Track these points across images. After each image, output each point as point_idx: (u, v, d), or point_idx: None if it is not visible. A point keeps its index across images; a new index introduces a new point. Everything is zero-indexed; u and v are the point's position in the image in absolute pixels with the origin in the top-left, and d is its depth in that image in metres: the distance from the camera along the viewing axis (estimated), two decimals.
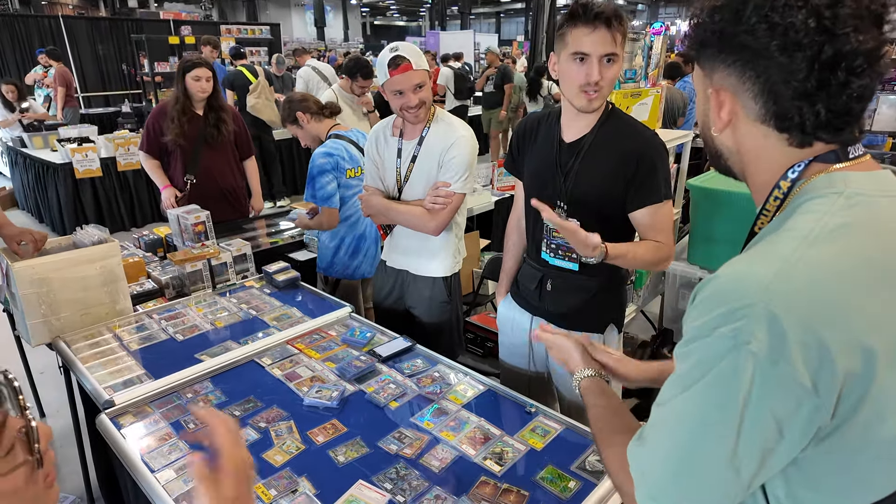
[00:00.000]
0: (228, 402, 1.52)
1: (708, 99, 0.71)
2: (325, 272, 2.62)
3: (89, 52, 10.73)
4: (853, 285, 0.58)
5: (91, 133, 5.72)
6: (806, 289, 0.57)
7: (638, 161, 1.49)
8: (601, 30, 1.39)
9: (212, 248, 2.28)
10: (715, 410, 0.59)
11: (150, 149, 2.96)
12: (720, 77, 0.68)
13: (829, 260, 0.59)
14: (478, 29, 29.61)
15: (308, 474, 1.26)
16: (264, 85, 5.75)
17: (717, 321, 0.59)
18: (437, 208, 1.89)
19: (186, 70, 2.84)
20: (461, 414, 1.48)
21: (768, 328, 0.55)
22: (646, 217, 1.53)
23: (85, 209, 5.32)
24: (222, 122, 2.98)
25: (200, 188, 2.96)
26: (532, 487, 1.23)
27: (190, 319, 1.96)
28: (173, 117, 2.85)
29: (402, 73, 1.79)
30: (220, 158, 3.03)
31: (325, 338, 1.86)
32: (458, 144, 1.89)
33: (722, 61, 0.67)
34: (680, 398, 0.63)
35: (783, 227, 0.64)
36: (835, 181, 0.64)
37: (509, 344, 1.87)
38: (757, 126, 0.67)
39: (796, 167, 0.66)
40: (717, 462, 0.60)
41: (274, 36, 10.79)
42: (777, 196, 0.68)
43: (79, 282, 1.86)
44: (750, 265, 0.62)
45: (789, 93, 0.62)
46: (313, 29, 22.61)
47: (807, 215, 0.62)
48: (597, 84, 1.44)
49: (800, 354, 0.55)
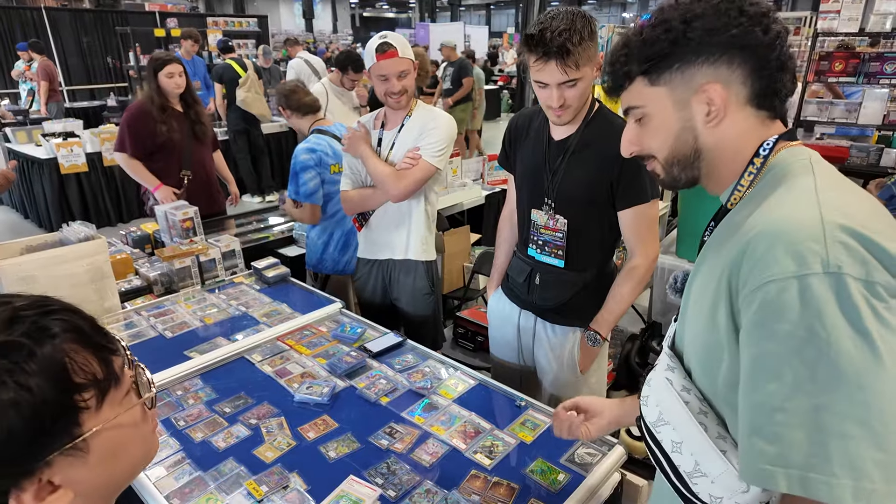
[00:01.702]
0: (219, 399, 1.52)
1: (683, 104, 0.76)
2: (314, 269, 2.60)
3: (73, 44, 10.56)
4: (873, 210, 0.66)
5: (76, 127, 5.65)
6: (851, 216, 0.61)
7: (623, 161, 1.48)
8: (552, 63, 1.39)
9: (200, 244, 2.27)
10: (855, 347, 0.55)
11: (134, 150, 2.85)
12: (705, 75, 0.74)
13: (845, 196, 0.66)
14: (468, 21, 29.51)
15: (299, 470, 1.27)
16: (254, 79, 5.70)
17: (796, 263, 0.59)
18: (404, 167, 1.93)
19: (157, 69, 2.79)
20: (452, 408, 1.49)
21: (848, 252, 0.58)
22: (632, 218, 1.55)
23: (71, 205, 5.26)
24: (202, 115, 2.99)
25: (193, 183, 2.97)
26: (522, 480, 1.24)
27: (179, 316, 1.95)
28: (159, 117, 2.80)
29: (389, 58, 1.85)
30: (206, 152, 3.06)
31: (316, 334, 1.86)
32: (437, 120, 1.97)
33: (705, 61, 0.74)
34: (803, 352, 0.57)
35: (779, 187, 0.71)
36: (797, 153, 0.74)
37: (499, 338, 1.88)
38: (742, 110, 0.75)
39: (766, 145, 0.75)
40: (889, 398, 0.55)
41: (262, 28, 10.67)
42: (751, 171, 0.76)
43: (66, 279, 1.84)
44: (789, 214, 0.64)
45: (772, 67, 0.73)
46: (302, 21, 22.39)
47: (798, 177, 0.70)
48: (560, 107, 1.45)
49: (881, 267, 0.58)
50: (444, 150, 1.96)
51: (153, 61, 2.82)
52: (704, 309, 0.72)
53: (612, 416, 1.11)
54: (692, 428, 0.73)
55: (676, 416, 0.75)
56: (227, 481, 1.24)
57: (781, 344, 0.58)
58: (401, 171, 1.94)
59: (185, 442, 1.36)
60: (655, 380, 0.81)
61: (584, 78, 1.42)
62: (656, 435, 0.78)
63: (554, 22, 1.37)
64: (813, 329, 0.57)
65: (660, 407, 0.78)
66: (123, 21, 10.56)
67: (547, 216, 1.61)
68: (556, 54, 1.36)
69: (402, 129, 2.00)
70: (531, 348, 1.78)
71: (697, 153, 0.78)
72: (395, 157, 2.00)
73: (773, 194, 0.70)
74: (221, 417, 1.45)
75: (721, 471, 0.70)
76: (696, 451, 0.72)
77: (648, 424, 0.80)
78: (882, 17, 4.60)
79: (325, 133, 2.51)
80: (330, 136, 2.50)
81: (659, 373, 0.81)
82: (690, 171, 0.80)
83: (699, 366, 0.77)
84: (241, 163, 5.99)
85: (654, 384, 0.81)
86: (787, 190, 0.69)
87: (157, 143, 2.84)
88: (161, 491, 1.21)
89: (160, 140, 2.82)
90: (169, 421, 1.43)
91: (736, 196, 0.77)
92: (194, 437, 1.38)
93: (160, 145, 2.85)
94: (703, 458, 0.71)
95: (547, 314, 1.71)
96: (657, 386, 0.80)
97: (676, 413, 0.75)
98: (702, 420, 0.73)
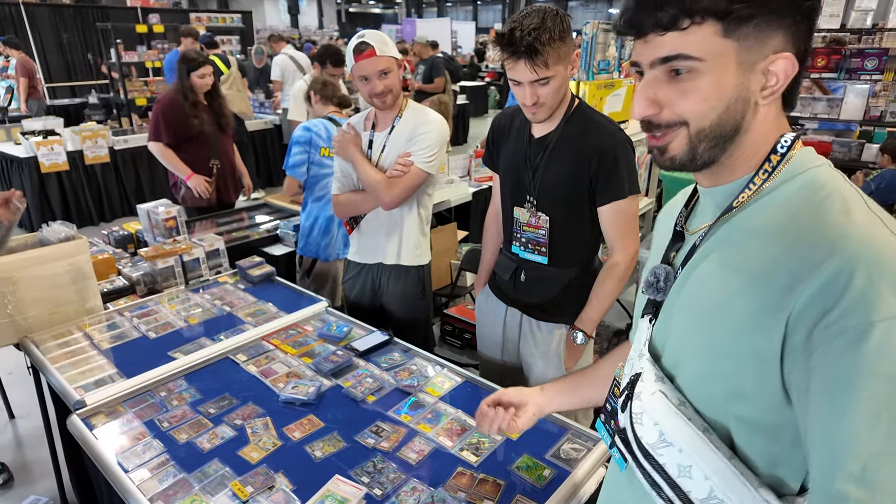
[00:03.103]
0: (203, 400, 1.51)
1: (747, 68, 0.63)
2: (301, 252, 2.69)
3: (53, 40, 10.35)
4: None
5: (57, 125, 5.55)
6: None
7: (599, 157, 1.50)
8: (521, 62, 1.39)
9: (184, 243, 2.24)
10: None
11: (168, 139, 3.07)
12: (781, 40, 0.63)
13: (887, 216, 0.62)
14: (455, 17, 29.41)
15: (285, 470, 1.26)
16: (236, 76, 5.65)
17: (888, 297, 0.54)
18: (395, 174, 1.90)
19: (191, 69, 3.04)
20: (438, 406, 1.49)
21: None
22: (610, 214, 1.55)
23: (52, 204, 5.18)
24: (225, 107, 3.28)
25: (221, 172, 3.23)
26: (508, 476, 1.25)
27: (162, 317, 1.93)
28: (191, 112, 3.06)
29: (367, 58, 1.81)
30: (229, 143, 3.33)
31: (302, 333, 1.85)
32: (427, 123, 1.92)
33: (791, 24, 0.63)
34: None
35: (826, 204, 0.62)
36: (814, 156, 0.67)
37: (487, 335, 1.89)
38: None
39: (784, 140, 0.67)
40: None
41: (246, 24, 10.55)
42: (766, 169, 0.67)
43: (46, 280, 1.82)
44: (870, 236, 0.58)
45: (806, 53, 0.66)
46: (287, 16, 22.21)
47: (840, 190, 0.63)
48: (534, 105, 1.46)
49: None
50: (436, 154, 1.92)
51: (187, 62, 3.06)
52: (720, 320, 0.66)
53: (535, 407, 1.11)
54: (705, 450, 0.66)
55: (683, 437, 0.67)
56: (211, 482, 1.23)
57: (882, 387, 0.53)
58: (392, 178, 1.90)
59: (170, 443, 1.35)
60: (646, 394, 0.73)
61: (556, 76, 1.43)
62: (657, 458, 0.70)
63: (525, 21, 1.37)
64: None
65: (660, 427, 0.70)
66: (104, 17, 10.38)
67: (529, 214, 1.62)
68: (525, 53, 1.37)
69: (393, 131, 1.95)
70: (517, 345, 1.79)
71: (736, 131, 0.66)
72: (385, 159, 1.96)
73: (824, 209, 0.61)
74: (206, 418, 1.44)
75: (742, 496, 0.63)
76: (711, 475, 0.65)
77: (646, 446, 0.71)
78: (863, 14, 4.67)
79: (333, 122, 2.62)
80: (332, 123, 2.62)
81: (649, 385, 0.73)
82: (717, 150, 0.67)
83: (695, 375, 0.70)
84: None
85: (646, 399, 0.72)
86: (842, 206, 0.61)
87: (190, 134, 3.07)
88: (145, 493, 1.20)
89: (194, 132, 3.07)
90: (153, 422, 1.42)
91: (746, 195, 0.68)
92: (179, 438, 1.37)
93: (193, 137, 3.09)
94: (721, 483, 0.64)
95: (533, 311, 1.71)
96: (651, 402, 0.72)
97: (682, 433, 0.67)
98: (711, 439, 0.66)
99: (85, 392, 1.50)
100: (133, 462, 1.29)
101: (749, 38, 0.62)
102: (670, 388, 0.71)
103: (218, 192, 3.24)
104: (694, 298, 0.71)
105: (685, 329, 0.72)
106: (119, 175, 5.55)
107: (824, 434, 0.56)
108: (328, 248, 2.63)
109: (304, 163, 2.55)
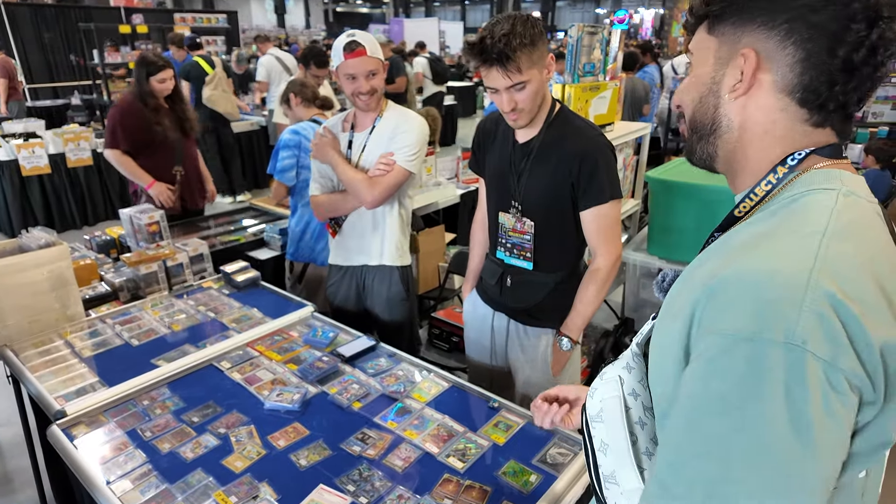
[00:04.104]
0: (187, 409, 1.49)
1: (722, 63, 0.67)
2: (292, 257, 2.65)
3: (34, 40, 10.19)
4: (874, 281, 0.56)
5: (38, 128, 5.46)
6: (845, 284, 0.54)
7: (580, 162, 1.50)
8: (494, 69, 1.40)
9: (167, 248, 2.22)
10: (784, 438, 0.51)
11: (126, 146, 2.88)
12: (754, 39, 0.65)
13: (851, 256, 0.56)
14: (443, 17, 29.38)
15: (269, 479, 1.25)
16: (221, 76, 5.59)
17: (757, 323, 0.52)
18: (378, 173, 1.90)
19: (151, 73, 2.86)
20: (425, 412, 1.48)
21: (822, 327, 0.51)
22: (592, 219, 1.56)
23: (33, 208, 5.09)
24: (188, 111, 3.08)
25: (186, 179, 3.05)
26: (494, 482, 1.25)
27: (145, 323, 1.91)
28: (151, 116, 2.88)
29: (357, 57, 1.82)
30: (194, 148, 3.16)
31: (287, 339, 1.84)
32: (409, 122, 1.94)
33: (764, 23, 0.64)
34: (726, 420, 0.53)
35: (787, 220, 0.61)
36: (832, 177, 0.63)
37: (475, 339, 1.89)
38: (778, 97, 0.65)
39: (796, 155, 0.65)
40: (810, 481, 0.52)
41: (231, 25, 10.47)
42: (770, 181, 0.66)
43: (26, 287, 1.79)
44: (777, 260, 0.56)
45: (832, 65, 0.61)
46: (273, 16, 22.06)
47: (815, 209, 0.60)
48: (513, 110, 1.46)
49: (852, 352, 0.52)
50: (418, 153, 1.94)
51: (146, 66, 2.86)
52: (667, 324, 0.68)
53: None
54: (621, 435, 0.72)
55: (612, 419, 0.73)
56: (195, 493, 1.21)
57: (712, 402, 0.54)
58: (374, 177, 1.91)
59: (152, 454, 1.33)
60: (609, 375, 0.78)
61: (531, 80, 1.43)
62: (591, 430, 0.77)
63: (495, 28, 1.38)
64: (747, 403, 0.51)
65: (602, 404, 0.76)
66: (87, 17, 10.24)
67: (514, 219, 1.62)
68: (497, 60, 1.38)
69: (374, 131, 1.97)
70: (504, 349, 1.79)
71: (715, 126, 0.70)
72: (366, 159, 1.97)
73: (775, 226, 0.61)
74: (189, 427, 1.42)
75: (632, 487, 0.69)
76: (617, 458, 0.72)
77: (588, 416, 0.79)
78: None
79: (319, 123, 2.58)
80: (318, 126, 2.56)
81: (615, 369, 0.78)
82: (706, 145, 0.71)
83: (650, 373, 0.74)
84: (211, 162, 5.87)
85: (606, 378, 0.78)
86: (791, 228, 0.60)
87: (151, 140, 2.90)
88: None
89: (157, 138, 2.90)
90: (135, 432, 1.40)
91: (746, 204, 0.68)
92: (161, 448, 1.35)
93: (156, 143, 2.91)
94: (621, 469, 0.71)
95: (519, 316, 1.72)
96: (608, 382, 0.77)
97: (613, 416, 0.73)
98: (635, 431, 0.71)
99: (66, 401, 1.48)
100: (115, 473, 1.27)
101: (727, 35, 0.68)
102: (632, 378, 0.75)
103: (182, 200, 3.05)
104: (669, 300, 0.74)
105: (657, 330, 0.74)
106: (102, 178, 5.47)
107: (664, 430, 0.63)
108: (325, 251, 2.59)
109: (293, 167, 2.54)
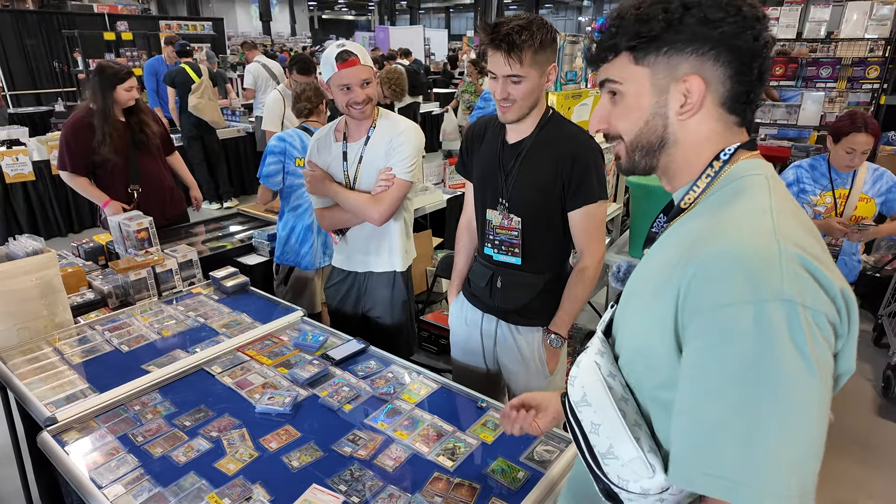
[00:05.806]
0: (178, 413, 1.50)
1: (661, 90, 0.76)
2: (278, 260, 2.68)
3: (16, 47, 10.09)
4: (815, 239, 0.69)
5: (21, 135, 5.41)
6: (802, 244, 0.65)
7: (573, 162, 1.56)
8: (499, 54, 1.46)
9: (156, 254, 2.23)
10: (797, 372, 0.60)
11: (74, 167, 2.74)
12: (691, 66, 0.74)
13: (793, 223, 0.69)
14: (427, 24, 29.53)
15: (262, 481, 1.27)
16: (207, 84, 5.59)
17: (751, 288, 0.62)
18: (380, 190, 1.91)
19: (118, 82, 2.70)
20: (415, 413, 1.51)
21: (800, 281, 0.62)
22: (581, 218, 1.61)
23: (17, 216, 5.05)
24: (146, 124, 2.86)
25: (145, 195, 2.87)
26: (484, 480, 1.28)
27: (135, 329, 1.91)
28: (101, 131, 2.69)
29: (350, 67, 1.82)
30: (154, 162, 2.94)
31: (277, 343, 1.85)
32: (404, 133, 1.94)
33: (695, 51, 0.73)
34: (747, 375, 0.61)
35: (735, 202, 0.72)
36: (757, 166, 0.76)
37: (462, 342, 1.91)
38: (716, 109, 0.76)
39: (728, 150, 0.77)
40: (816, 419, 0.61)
41: (217, 32, 10.47)
42: (709, 174, 0.78)
43: (14, 295, 1.78)
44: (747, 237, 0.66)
45: (752, 76, 0.74)
46: (259, 23, 22.01)
47: (755, 195, 0.72)
48: (505, 100, 1.51)
49: (825, 296, 0.63)
50: (416, 163, 1.95)
51: (112, 75, 2.70)
52: (646, 307, 0.75)
53: (556, 410, 1.15)
54: (611, 413, 0.76)
55: (598, 400, 0.78)
56: (188, 496, 1.23)
57: (729, 366, 0.62)
58: (378, 195, 1.91)
59: (144, 458, 1.34)
60: (585, 362, 0.84)
61: (528, 78, 1.48)
62: (578, 414, 0.82)
63: (513, 20, 1.45)
64: (764, 353, 0.60)
65: (585, 389, 0.81)
66: (70, 23, 10.16)
67: (501, 216, 1.66)
68: (503, 45, 1.44)
69: (369, 142, 1.95)
70: (493, 351, 1.82)
71: (663, 143, 0.79)
72: (363, 171, 1.96)
73: (730, 209, 0.71)
74: (181, 431, 1.43)
75: (632, 456, 0.74)
76: (611, 434, 0.76)
77: (572, 403, 0.83)
78: (817, 24, 4.86)
79: (307, 131, 2.62)
80: (306, 133, 2.62)
81: (589, 356, 0.84)
82: (651, 159, 0.81)
83: (630, 358, 0.80)
84: (197, 169, 5.86)
85: (582, 366, 0.84)
86: (744, 209, 0.71)
87: (103, 160, 2.73)
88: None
89: (99, 159, 2.72)
90: (126, 437, 1.41)
91: (690, 196, 0.79)
92: (153, 452, 1.36)
93: (107, 163, 2.74)
94: (618, 443, 0.75)
95: (510, 316, 1.75)
96: (585, 368, 0.83)
97: (599, 397, 0.78)
98: (622, 407, 0.77)
99: (56, 408, 1.48)
100: (107, 478, 1.28)
101: (659, 64, 0.75)
102: (606, 362, 0.82)
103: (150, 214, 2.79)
104: (638, 289, 0.83)
105: (629, 317, 0.82)
106: None
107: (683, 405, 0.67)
108: (308, 256, 2.63)
109: (279, 172, 2.57)
